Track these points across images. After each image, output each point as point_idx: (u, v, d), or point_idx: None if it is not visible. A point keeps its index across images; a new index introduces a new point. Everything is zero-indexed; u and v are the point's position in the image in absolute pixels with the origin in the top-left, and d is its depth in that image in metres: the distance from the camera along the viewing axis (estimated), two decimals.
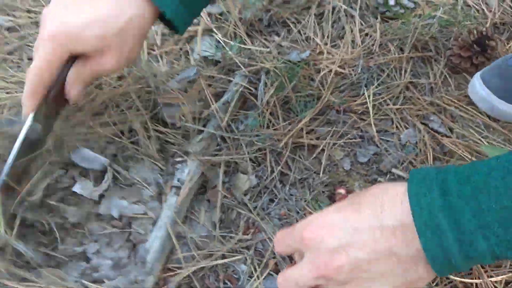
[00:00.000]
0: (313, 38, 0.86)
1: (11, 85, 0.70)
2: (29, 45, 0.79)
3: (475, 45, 0.78)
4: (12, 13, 0.84)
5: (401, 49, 0.84)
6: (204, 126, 0.68)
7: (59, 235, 0.58)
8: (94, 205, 0.62)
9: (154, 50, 0.81)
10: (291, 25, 0.88)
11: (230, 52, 0.79)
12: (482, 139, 0.71)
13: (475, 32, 0.80)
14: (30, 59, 0.77)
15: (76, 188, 0.59)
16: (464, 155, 0.68)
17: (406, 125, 0.73)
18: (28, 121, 0.51)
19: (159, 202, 0.62)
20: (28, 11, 0.84)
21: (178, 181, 0.60)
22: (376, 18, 0.89)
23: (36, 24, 0.82)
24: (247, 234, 0.61)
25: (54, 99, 0.52)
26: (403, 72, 0.80)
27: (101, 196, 0.63)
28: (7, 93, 0.68)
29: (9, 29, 0.82)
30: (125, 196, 0.63)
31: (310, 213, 0.64)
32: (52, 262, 0.56)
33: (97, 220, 0.61)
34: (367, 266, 0.36)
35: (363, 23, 0.88)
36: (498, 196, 0.31)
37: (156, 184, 0.64)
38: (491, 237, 0.32)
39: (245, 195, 0.64)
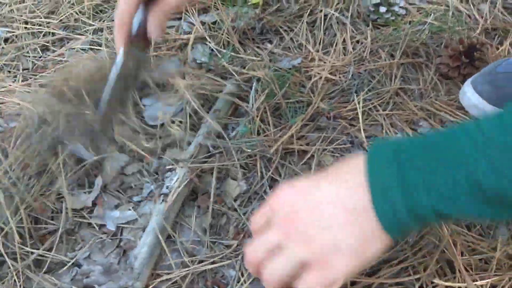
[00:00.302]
0: (305, 45, 0.87)
1: (6, 93, 0.72)
2: (26, 55, 0.81)
3: (463, 56, 0.79)
4: (10, 24, 0.86)
5: (392, 56, 0.85)
6: (195, 133, 0.69)
7: (51, 241, 0.59)
8: (87, 212, 0.63)
9: (146, 53, 0.81)
10: (284, 33, 0.89)
11: (222, 60, 0.80)
12: None
13: (465, 40, 0.81)
14: (26, 69, 0.78)
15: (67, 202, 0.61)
16: None
17: (396, 131, 0.74)
18: (120, 55, 0.62)
19: (150, 209, 0.63)
20: (26, 22, 0.86)
21: (167, 188, 0.61)
22: (368, 25, 0.91)
23: (33, 35, 0.84)
24: (237, 239, 0.62)
25: (140, 39, 0.62)
26: (393, 78, 0.81)
27: (94, 204, 0.64)
28: (1, 103, 0.70)
29: (6, 40, 0.83)
30: (118, 204, 0.64)
31: None
32: (44, 267, 0.57)
33: (89, 227, 0.62)
34: (322, 211, 0.39)
35: (354, 30, 0.89)
36: (444, 162, 0.35)
37: (148, 191, 0.65)
38: (432, 192, 0.35)
39: (235, 200, 0.65)
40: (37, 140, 0.64)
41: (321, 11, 0.92)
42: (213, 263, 0.58)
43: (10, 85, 0.74)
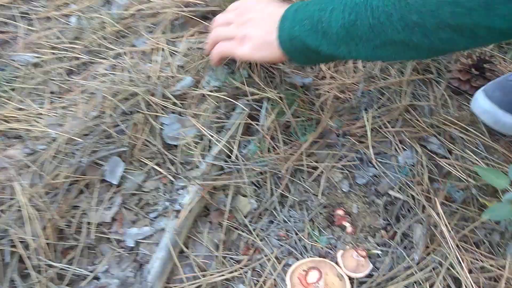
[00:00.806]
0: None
1: (32, 116, 0.77)
2: (52, 79, 0.86)
3: (473, 69, 0.80)
4: (38, 50, 0.92)
5: (402, 72, 0.86)
6: (208, 151, 0.73)
7: (73, 255, 0.63)
8: (106, 228, 0.67)
9: (169, 79, 0.85)
10: None
11: (234, 81, 0.83)
12: (481, 161, 0.71)
13: (473, 55, 0.82)
14: (52, 92, 0.84)
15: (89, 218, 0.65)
16: (461, 177, 0.69)
17: (404, 147, 0.75)
18: None
19: (165, 225, 0.66)
20: (52, 48, 0.92)
21: (179, 205, 0.64)
22: None
23: (59, 59, 0.90)
24: (247, 255, 0.64)
25: None
26: (403, 94, 0.82)
27: (114, 219, 0.68)
28: (30, 125, 0.75)
29: (35, 65, 0.89)
30: (136, 220, 0.68)
31: (309, 234, 0.66)
32: (65, 280, 0.61)
33: (107, 241, 0.66)
34: (261, 17, 0.64)
35: None
36: (319, 11, 0.55)
37: (163, 207, 0.68)
38: (303, 26, 0.56)
39: (245, 216, 0.68)
40: (66, 162, 0.69)
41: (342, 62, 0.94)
42: (223, 277, 0.61)
43: (38, 109, 0.79)
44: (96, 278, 0.61)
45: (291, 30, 0.57)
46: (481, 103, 0.76)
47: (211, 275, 0.61)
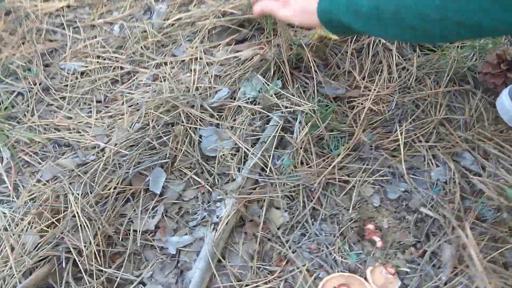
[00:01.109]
0: (351, 73, 0.90)
1: (81, 125, 0.83)
2: (98, 88, 0.92)
3: (507, 73, 0.80)
4: (84, 59, 0.97)
5: (438, 83, 0.86)
6: (243, 164, 0.76)
7: (121, 261, 0.69)
8: (150, 235, 0.72)
9: (207, 90, 0.89)
10: (330, 58, 0.93)
11: (270, 92, 0.85)
12: None
13: (504, 56, 0.82)
14: (98, 101, 0.89)
15: (134, 226, 0.71)
16: (494, 196, 0.69)
17: (437, 163, 0.75)
18: None
19: (203, 233, 0.71)
20: (98, 57, 0.97)
21: (217, 217, 0.68)
22: (414, 51, 0.91)
23: (104, 69, 0.95)
24: (280, 266, 0.68)
25: None
26: (438, 106, 0.82)
27: (157, 227, 0.73)
28: (79, 134, 0.81)
29: (82, 73, 0.95)
30: (177, 228, 0.73)
31: (339, 248, 0.69)
32: (113, 284, 0.67)
33: (151, 248, 0.71)
34: None
35: (400, 57, 0.91)
36: None
37: (201, 217, 0.73)
38: (337, 5, 0.61)
39: (278, 228, 0.71)
40: (114, 173, 0.75)
41: (368, 37, 0.94)
42: (257, 287, 0.65)
43: (86, 118, 0.85)
44: (142, 283, 0.67)
45: (328, 7, 0.63)
46: (503, 101, 0.79)
47: (246, 285, 0.65)
